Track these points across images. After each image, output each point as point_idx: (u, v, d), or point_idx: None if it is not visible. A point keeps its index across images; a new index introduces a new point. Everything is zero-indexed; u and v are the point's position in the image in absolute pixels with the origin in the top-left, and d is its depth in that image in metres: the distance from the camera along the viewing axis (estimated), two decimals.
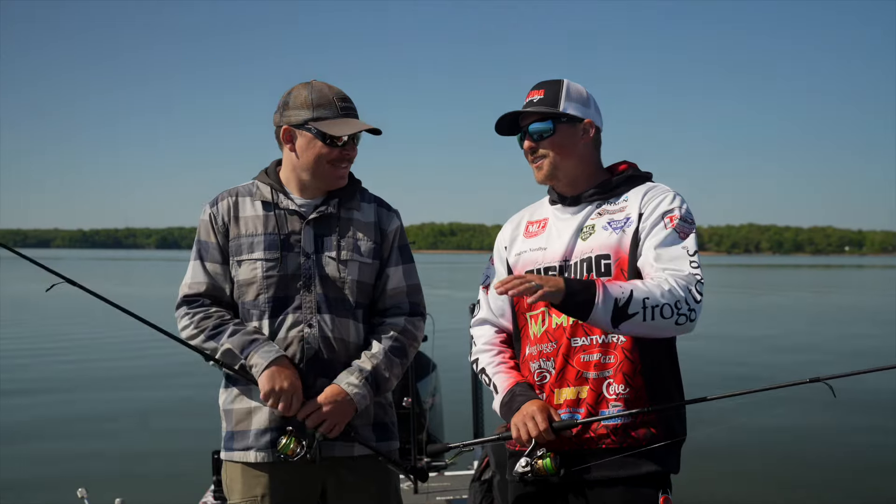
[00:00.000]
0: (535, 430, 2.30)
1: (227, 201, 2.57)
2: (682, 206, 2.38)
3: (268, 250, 2.49)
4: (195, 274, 2.54)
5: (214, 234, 2.54)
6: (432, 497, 4.80)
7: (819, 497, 7.21)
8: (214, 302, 2.53)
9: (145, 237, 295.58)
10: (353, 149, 2.54)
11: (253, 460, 2.47)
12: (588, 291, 2.17)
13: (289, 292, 2.48)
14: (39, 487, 7.30)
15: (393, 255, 2.61)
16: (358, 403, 2.45)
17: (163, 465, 8.06)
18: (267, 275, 2.48)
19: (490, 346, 2.55)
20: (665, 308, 2.19)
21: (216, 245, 2.54)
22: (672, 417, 2.34)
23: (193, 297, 2.53)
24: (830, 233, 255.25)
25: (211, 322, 2.47)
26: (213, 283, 2.53)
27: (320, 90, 2.52)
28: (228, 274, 2.53)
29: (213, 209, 2.56)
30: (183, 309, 2.52)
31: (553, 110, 2.43)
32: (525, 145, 2.47)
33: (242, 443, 2.48)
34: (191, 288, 2.54)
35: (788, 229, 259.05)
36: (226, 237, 2.54)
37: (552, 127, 2.43)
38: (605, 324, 2.19)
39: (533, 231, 2.53)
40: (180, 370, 12.50)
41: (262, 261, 2.48)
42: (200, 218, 2.59)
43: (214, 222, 2.55)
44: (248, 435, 2.48)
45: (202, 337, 2.46)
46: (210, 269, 2.53)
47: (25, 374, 14.01)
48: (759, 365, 14.92)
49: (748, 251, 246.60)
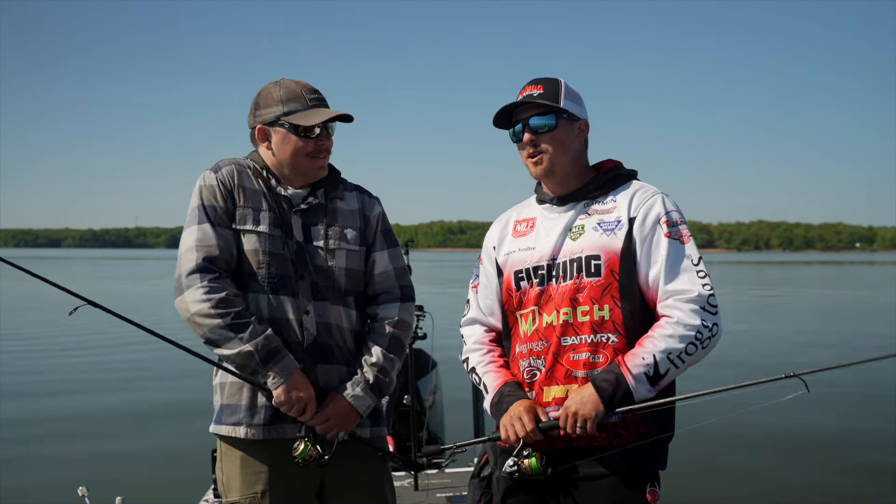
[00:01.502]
0: (523, 431, 2.33)
1: (230, 168, 2.53)
2: (673, 207, 2.40)
3: (272, 226, 2.49)
4: (206, 236, 2.43)
5: (223, 199, 2.48)
6: (432, 494, 4.82)
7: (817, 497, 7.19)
8: (229, 274, 2.44)
9: (155, 236, 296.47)
10: (329, 139, 2.56)
11: (242, 436, 2.46)
12: (621, 386, 2.26)
13: (286, 272, 2.49)
14: (41, 486, 7.32)
15: (377, 239, 2.66)
16: (363, 413, 2.52)
17: (164, 464, 8.07)
18: (270, 249, 2.47)
19: (480, 346, 2.57)
20: (689, 347, 2.27)
21: (224, 210, 2.47)
22: (661, 414, 2.36)
23: (210, 262, 2.41)
24: (841, 229, 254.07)
25: (232, 309, 2.37)
26: (225, 247, 2.44)
27: (288, 86, 2.54)
28: (234, 242, 2.47)
29: (219, 174, 2.50)
30: (199, 276, 2.38)
31: (556, 105, 2.44)
32: (525, 138, 2.47)
33: (234, 416, 2.48)
34: (205, 251, 2.41)
35: (798, 226, 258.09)
36: (232, 203, 2.49)
37: (555, 122, 2.44)
38: (650, 395, 2.28)
39: (521, 230, 2.55)
40: (184, 369, 12.52)
41: (266, 234, 2.48)
42: (202, 184, 2.50)
43: (223, 186, 2.48)
44: (240, 409, 2.47)
45: (220, 321, 2.36)
46: (221, 233, 2.45)
47: (28, 372, 14.08)
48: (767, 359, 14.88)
49: (758, 248, 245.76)
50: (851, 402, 10.63)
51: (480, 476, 2.71)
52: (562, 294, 2.37)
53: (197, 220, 2.46)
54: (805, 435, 9.06)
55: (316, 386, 2.48)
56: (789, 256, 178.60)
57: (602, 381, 2.28)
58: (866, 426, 9.60)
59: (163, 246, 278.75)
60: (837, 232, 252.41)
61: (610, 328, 2.33)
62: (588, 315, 2.34)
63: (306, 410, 2.43)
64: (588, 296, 2.34)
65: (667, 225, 2.36)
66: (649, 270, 2.34)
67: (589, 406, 2.27)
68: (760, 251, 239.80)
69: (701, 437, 2.67)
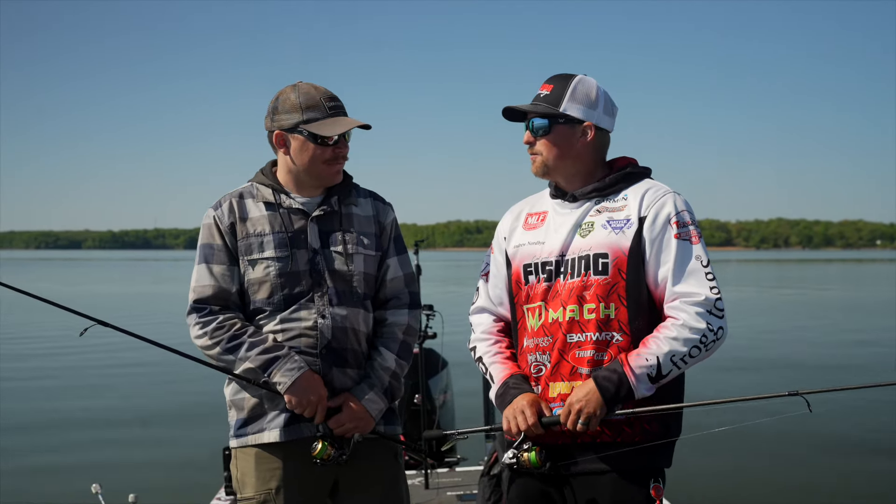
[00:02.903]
0: (525, 425, 2.35)
1: (230, 202, 2.62)
2: (684, 207, 2.40)
3: (278, 248, 2.55)
4: (201, 277, 2.58)
5: (221, 236, 2.58)
6: (443, 493, 4.84)
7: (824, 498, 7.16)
8: (223, 307, 2.56)
9: (174, 237, 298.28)
10: (345, 146, 2.60)
11: (267, 440, 2.52)
12: (623, 385, 2.28)
13: (301, 288, 2.55)
14: (55, 482, 7.42)
15: (391, 246, 2.71)
16: (376, 417, 2.58)
17: (177, 462, 8.15)
18: (280, 272, 2.54)
19: (487, 335, 2.59)
20: (693, 350, 2.29)
21: (222, 246, 2.58)
22: (669, 414, 2.36)
23: (202, 302, 2.56)
24: (861, 226, 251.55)
25: (225, 334, 2.51)
26: (219, 286, 2.56)
27: (307, 92, 2.57)
28: (236, 275, 2.58)
29: (218, 212, 2.60)
30: (194, 317, 2.55)
31: (552, 110, 2.45)
32: (525, 137, 2.51)
33: (257, 426, 2.55)
34: (198, 293, 2.57)
35: (818, 223, 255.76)
36: (233, 237, 2.58)
37: (548, 126, 2.46)
38: (651, 392, 2.30)
39: (532, 224, 2.55)
40: (196, 370, 12.60)
41: (273, 259, 2.55)
42: (203, 223, 2.63)
43: (220, 223, 2.59)
44: (263, 420, 2.54)
45: (218, 349, 2.50)
46: (216, 271, 2.57)
47: (45, 370, 14.22)
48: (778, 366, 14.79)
49: (777, 246, 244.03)
50: (856, 405, 10.52)
51: (490, 474, 2.73)
52: (569, 291, 2.38)
53: (196, 260, 2.62)
54: (807, 438, 9.01)
55: (331, 388, 2.53)
56: (809, 254, 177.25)
57: (604, 380, 2.29)
58: (870, 429, 9.52)
59: (181, 247, 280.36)
60: (858, 229, 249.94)
61: (615, 327, 2.34)
62: (594, 313, 2.35)
63: (318, 411, 2.48)
64: (594, 294, 2.35)
65: (677, 225, 2.36)
66: (658, 270, 2.35)
67: (592, 403, 2.28)
68: (779, 249, 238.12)
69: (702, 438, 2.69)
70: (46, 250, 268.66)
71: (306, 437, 2.50)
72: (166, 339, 2.68)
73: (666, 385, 2.34)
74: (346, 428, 2.51)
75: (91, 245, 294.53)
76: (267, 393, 2.52)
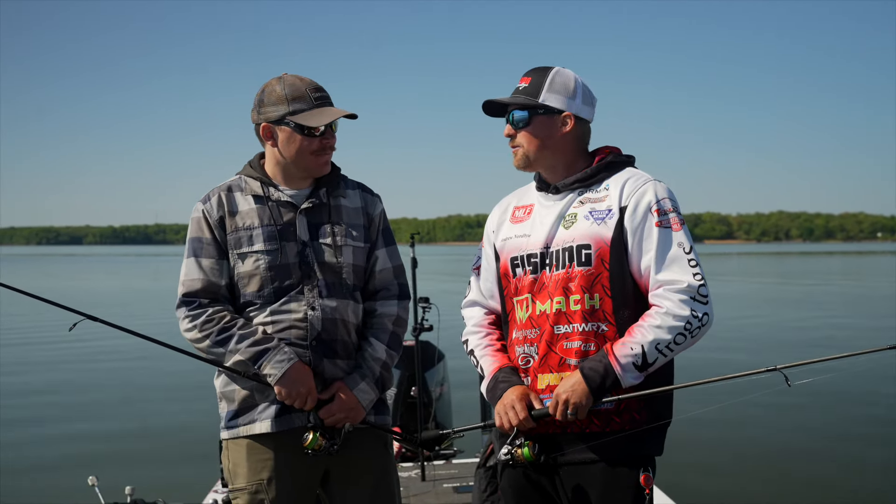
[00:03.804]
0: (516, 419, 2.38)
1: (218, 196, 2.62)
2: (665, 195, 2.39)
3: (267, 241, 2.56)
4: (189, 271, 2.58)
5: (210, 230, 2.59)
6: (439, 484, 4.86)
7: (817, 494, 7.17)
8: (212, 300, 2.57)
9: (174, 233, 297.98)
10: (333, 136, 2.61)
11: (259, 431, 2.54)
12: (609, 375, 2.29)
13: (291, 280, 2.56)
14: (51, 475, 7.45)
15: (379, 237, 2.72)
16: (367, 407, 2.60)
17: (174, 455, 8.17)
18: (269, 265, 2.55)
19: (478, 328, 2.61)
20: (678, 337, 2.29)
21: (211, 240, 2.59)
22: (657, 401, 2.37)
23: (191, 296, 2.57)
24: (862, 219, 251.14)
25: (215, 326, 2.52)
26: (208, 279, 2.57)
27: (293, 83, 2.58)
28: (225, 268, 2.59)
29: (206, 206, 2.61)
30: (183, 310, 2.56)
31: (531, 101, 2.46)
32: (505, 130, 2.52)
33: (248, 417, 2.56)
34: (187, 286, 2.57)
35: (819, 216, 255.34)
36: (222, 231, 2.59)
37: (528, 118, 2.47)
38: (638, 381, 2.31)
39: (519, 217, 2.57)
40: (192, 362, 12.59)
41: (263, 252, 2.55)
42: (192, 217, 2.63)
43: (209, 217, 2.59)
44: (254, 411, 2.56)
45: (208, 342, 2.52)
46: (205, 265, 2.58)
47: (41, 364, 14.24)
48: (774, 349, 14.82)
49: (778, 239, 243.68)
50: (846, 391, 10.55)
51: (486, 466, 2.73)
52: (555, 283, 2.40)
53: (185, 254, 2.62)
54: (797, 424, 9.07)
55: (321, 379, 2.54)
56: (810, 247, 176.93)
57: (590, 370, 2.30)
58: (860, 416, 9.58)
59: (182, 242, 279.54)
60: (859, 222, 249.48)
61: (601, 317, 2.35)
62: (580, 304, 2.36)
63: (308, 401, 2.49)
64: (579, 285, 2.36)
65: (658, 213, 2.36)
66: (641, 259, 2.36)
67: (578, 394, 2.29)
68: (780, 242, 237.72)
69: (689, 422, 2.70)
70: (47, 246, 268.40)
71: (297, 428, 2.52)
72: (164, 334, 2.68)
73: (654, 373, 2.35)
74: (336, 418, 2.52)
75: (92, 241, 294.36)
76: (257, 384, 2.53)
